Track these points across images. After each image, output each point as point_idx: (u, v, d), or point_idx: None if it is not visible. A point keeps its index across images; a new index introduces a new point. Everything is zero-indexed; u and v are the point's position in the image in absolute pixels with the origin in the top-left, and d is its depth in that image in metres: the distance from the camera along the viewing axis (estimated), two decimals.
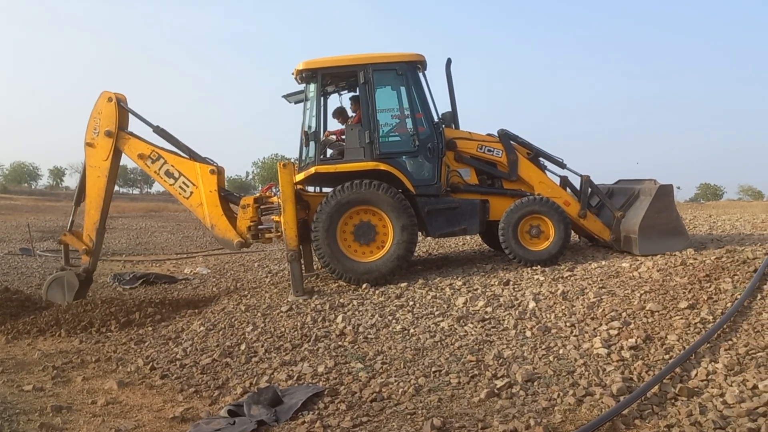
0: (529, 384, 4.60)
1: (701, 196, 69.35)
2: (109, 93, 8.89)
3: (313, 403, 4.59)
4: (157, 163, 8.88)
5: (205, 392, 5.13)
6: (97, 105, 8.86)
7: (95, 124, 8.82)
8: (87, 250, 8.96)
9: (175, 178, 8.85)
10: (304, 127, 9.04)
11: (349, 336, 6.15)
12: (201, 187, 8.77)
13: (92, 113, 8.85)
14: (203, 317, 7.60)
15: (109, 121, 8.80)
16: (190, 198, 8.84)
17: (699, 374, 4.41)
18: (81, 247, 8.97)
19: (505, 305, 6.71)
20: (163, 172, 8.89)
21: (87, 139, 8.86)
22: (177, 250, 17.35)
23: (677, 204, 9.97)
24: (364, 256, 8.43)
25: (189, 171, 8.83)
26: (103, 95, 8.86)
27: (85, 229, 8.96)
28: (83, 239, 8.98)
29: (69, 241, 9.13)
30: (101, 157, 8.84)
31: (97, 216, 8.92)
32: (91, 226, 8.95)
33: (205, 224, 8.91)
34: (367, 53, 8.87)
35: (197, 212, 8.89)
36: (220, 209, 8.74)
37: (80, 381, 5.62)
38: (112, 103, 8.83)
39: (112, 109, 8.83)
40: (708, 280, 6.57)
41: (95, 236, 9.00)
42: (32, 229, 19.26)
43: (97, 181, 8.89)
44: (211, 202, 8.73)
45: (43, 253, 15.90)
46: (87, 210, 8.94)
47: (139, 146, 8.94)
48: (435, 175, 8.76)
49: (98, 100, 8.87)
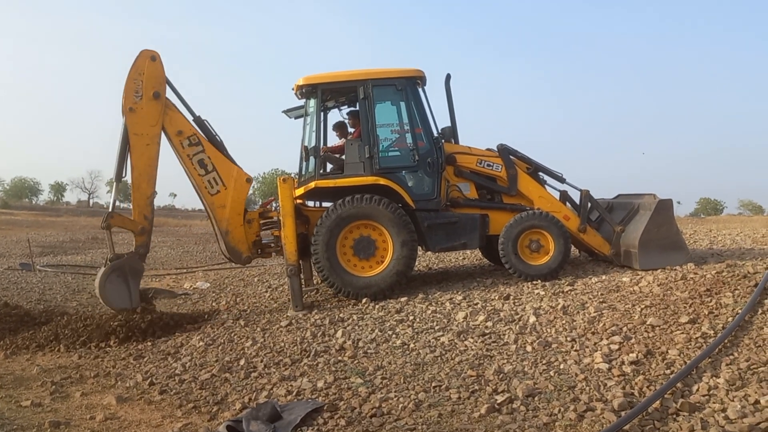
0: (529, 399, 4.57)
1: (701, 210, 69.39)
2: (151, 51, 8.09)
3: (312, 418, 4.56)
4: (194, 147, 8.31)
5: (204, 408, 5.10)
6: (137, 65, 8.04)
7: (136, 87, 8.00)
8: (144, 229, 8.16)
9: (208, 170, 8.36)
10: (304, 142, 9.08)
11: (349, 351, 6.12)
12: (231, 191, 8.42)
13: (130, 74, 8.03)
14: (202, 332, 7.57)
15: (156, 82, 8.07)
16: (216, 196, 8.41)
17: (700, 389, 4.39)
18: (137, 226, 8.12)
19: (506, 320, 6.69)
20: (197, 160, 8.33)
21: (128, 104, 8.01)
22: (177, 265, 17.33)
23: (677, 218, 9.97)
24: (363, 270, 8.42)
25: (224, 170, 8.43)
26: (143, 54, 8.07)
27: (137, 207, 8.13)
28: (136, 217, 8.14)
29: (119, 224, 8.17)
30: (149, 123, 8.05)
31: (150, 189, 8.17)
32: (144, 201, 8.16)
33: (220, 228, 8.51)
34: (367, 69, 8.92)
35: (216, 213, 8.46)
36: (242, 219, 8.56)
37: (79, 396, 5.59)
38: (156, 63, 8.06)
39: (158, 69, 8.10)
40: (709, 295, 6.56)
41: (150, 213, 8.24)
42: (32, 244, 19.23)
43: (147, 150, 8.08)
44: (236, 210, 8.49)
45: (43, 268, 15.87)
46: (137, 184, 8.08)
47: (181, 122, 8.31)
48: (435, 190, 8.77)
49: (138, 59, 8.05)
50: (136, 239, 8.22)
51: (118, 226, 8.18)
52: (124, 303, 7.88)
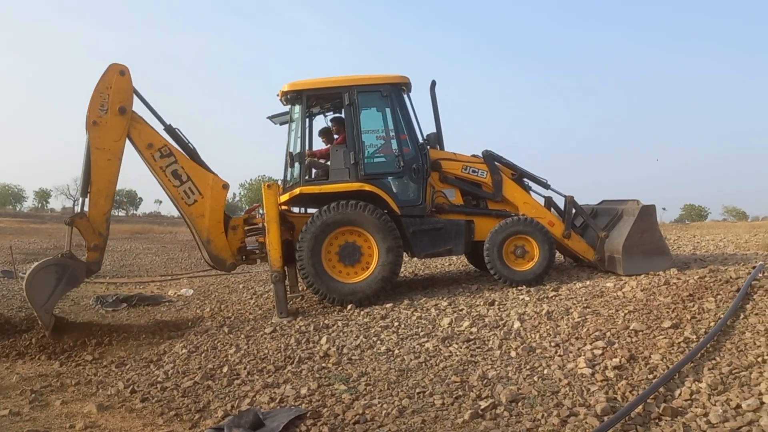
0: (513, 405, 4.56)
1: (686, 216, 70.08)
2: (120, 65, 7.97)
3: (295, 426, 4.53)
4: (166, 159, 8.19)
5: (185, 415, 5.04)
6: (105, 78, 7.91)
7: (102, 101, 7.84)
8: (97, 246, 7.94)
9: (182, 181, 8.24)
10: (289, 148, 9.05)
11: (333, 357, 6.09)
12: (208, 199, 8.33)
13: (97, 87, 7.87)
14: (186, 339, 7.50)
15: (122, 97, 7.93)
16: (193, 206, 8.31)
17: (683, 394, 4.41)
18: (93, 241, 7.90)
19: (490, 325, 6.69)
20: (171, 171, 8.19)
21: (92, 117, 7.83)
22: (162, 272, 17.18)
23: (662, 224, 10.01)
24: (348, 277, 8.39)
25: (200, 179, 8.33)
26: (112, 67, 7.94)
27: (93, 222, 7.88)
28: (87, 236, 7.89)
29: (82, 229, 7.85)
30: (112, 138, 7.88)
31: (108, 206, 7.99)
32: (101, 217, 7.93)
33: (201, 237, 8.40)
34: (352, 75, 8.92)
35: (196, 223, 8.34)
36: (222, 226, 8.47)
37: (59, 405, 5.51)
38: (125, 77, 7.95)
39: (126, 84, 7.97)
40: (691, 300, 6.60)
41: (105, 230, 7.98)
42: (15, 251, 18.97)
43: (108, 166, 7.91)
44: (215, 217, 8.39)
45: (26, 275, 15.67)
46: (94, 200, 7.90)
47: (150, 135, 8.16)
48: (420, 196, 8.77)
49: (106, 72, 7.92)
50: (88, 255, 8.01)
51: (78, 228, 7.87)
52: (39, 299, 7.46)
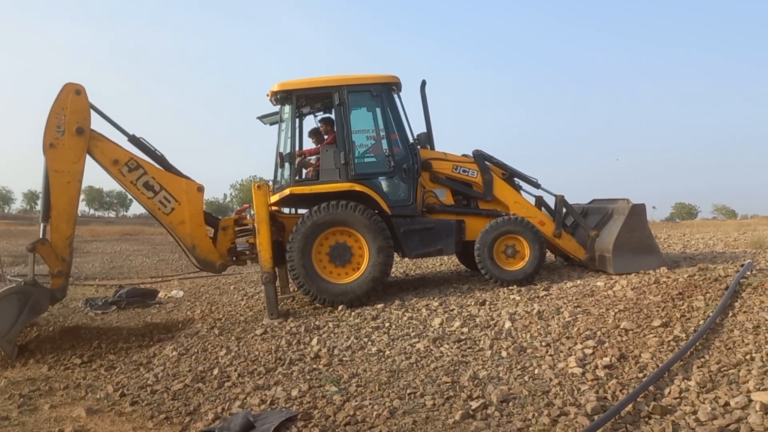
0: (504, 405, 4.56)
1: (676, 215, 70.46)
2: (76, 84, 7.78)
3: (286, 428, 4.50)
4: (134, 172, 8.05)
5: (175, 419, 5.01)
6: (59, 99, 7.69)
7: (58, 122, 7.64)
8: (61, 272, 7.69)
9: (155, 191, 8.11)
10: (279, 148, 9.02)
11: (324, 359, 6.07)
12: (185, 205, 8.21)
13: (53, 108, 7.65)
14: (176, 341, 7.46)
15: (79, 117, 7.72)
16: (171, 215, 8.18)
17: (672, 392, 4.43)
18: (56, 267, 7.65)
19: (481, 325, 6.70)
20: (141, 183, 8.06)
21: (48, 139, 7.62)
22: (152, 274, 17.10)
23: (652, 223, 10.04)
24: (339, 277, 8.38)
25: (173, 186, 8.20)
26: (67, 87, 7.74)
27: (56, 247, 7.64)
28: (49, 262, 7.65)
29: (45, 254, 7.60)
30: (70, 160, 7.69)
31: (70, 230, 7.74)
32: (63, 242, 7.69)
33: (184, 244, 8.32)
34: (342, 75, 8.91)
35: (177, 230, 8.23)
36: (205, 229, 8.39)
37: (47, 409, 5.46)
38: (81, 97, 7.76)
39: (82, 103, 7.77)
40: (681, 298, 6.63)
41: (68, 255, 7.75)
42: (3, 254, 18.83)
43: (67, 188, 7.70)
44: (196, 221, 8.29)
45: (14, 278, 15.51)
46: (55, 224, 7.66)
47: (114, 151, 7.99)
48: (410, 196, 8.77)
49: (61, 93, 7.71)
50: (52, 281, 7.75)
51: (40, 254, 7.62)
52: (1, 329, 7.03)
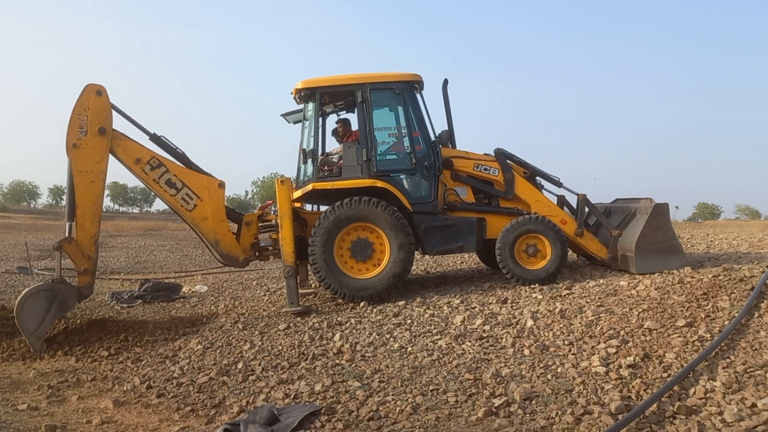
0: (527, 402, 4.57)
1: (699, 215, 69.54)
2: (97, 85, 7.89)
3: (309, 422, 4.56)
4: (157, 170, 8.17)
5: (201, 411, 5.09)
6: (81, 100, 7.81)
7: (81, 122, 7.76)
8: (87, 270, 7.82)
9: (178, 188, 8.23)
10: (302, 145, 9.09)
11: (347, 354, 6.12)
12: (207, 201, 8.33)
13: (75, 110, 7.78)
14: (201, 335, 7.56)
15: (101, 117, 7.84)
16: (194, 211, 8.29)
17: (697, 392, 4.39)
18: (83, 265, 7.78)
19: (503, 323, 6.70)
20: (164, 181, 8.18)
21: (72, 140, 7.74)
22: (176, 269, 17.34)
23: (675, 223, 9.95)
24: (360, 272, 8.43)
25: (194, 183, 8.31)
26: (89, 88, 7.84)
27: (82, 246, 7.77)
28: (76, 260, 7.79)
29: (71, 253, 7.73)
30: (93, 159, 7.81)
31: (95, 228, 7.85)
32: (89, 240, 7.80)
33: (208, 239, 8.43)
34: (365, 73, 8.95)
35: (200, 226, 8.35)
36: (227, 224, 8.50)
37: (75, 400, 5.58)
38: (102, 97, 7.87)
39: (104, 104, 7.88)
40: (705, 298, 6.57)
41: (94, 253, 7.89)
42: (30, 248, 19.23)
43: (91, 188, 7.83)
44: (218, 217, 8.41)
45: (41, 271, 15.86)
46: (80, 223, 7.77)
47: (136, 149, 8.13)
48: (431, 193, 8.79)
49: (83, 94, 7.82)
50: (79, 279, 7.90)
51: (67, 253, 7.75)
52: (30, 326, 7.28)
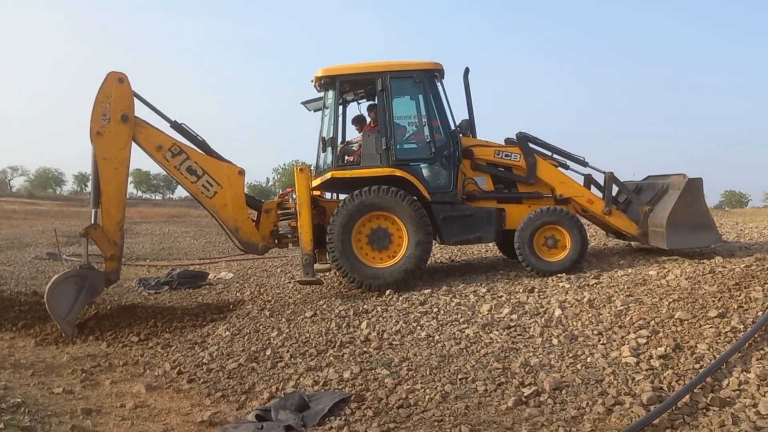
0: (557, 392, 4.56)
1: (726, 203, 68.31)
2: (119, 73, 7.98)
3: (339, 409, 4.61)
4: (178, 157, 8.24)
5: (232, 396, 5.17)
6: (103, 88, 7.89)
7: (104, 110, 7.84)
8: (114, 255, 7.97)
9: (198, 176, 8.28)
10: (322, 133, 9.08)
11: (374, 342, 6.15)
12: (227, 188, 8.39)
13: (98, 98, 7.85)
14: (228, 322, 7.65)
15: (123, 105, 7.93)
16: (214, 198, 8.36)
17: (731, 384, 4.35)
18: (109, 251, 7.92)
19: (531, 313, 6.67)
20: (185, 168, 8.25)
21: (95, 128, 7.83)
22: (200, 255, 17.51)
23: None
24: (373, 261, 8.45)
25: (214, 170, 8.37)
26: (111, 76, 7.93)
27: (107, 232, 7.91)
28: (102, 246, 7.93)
29: (97, 239, 7.87)
30: (117, 147, 7.91)
31: (120, 214, 7.99)
32: (114, 226, 7.93)
33: (228, 226, 8.50)
34: (386, 61, 8.92)
35: (220, 213, 8.42)
36: (247, 212, 8.56)
37: (108, 384, 5.70)
38: (124, 85, 7.96)
39: (126, 91, 7.98)
40: (738, 289, 6.46)
41: (120, 239, 8.02)
42: (58, 234, 19.53)
43: (116, 174, 7.94)
44: (238, 204, 8.47)
45: (70, 257, 16.13)
46: (105, 209, 7.90)
47: (158, 136, 8.21)
48: (451, 183, 8.75)
49: (105, 81, 7.90)
50: (106, 264, 8.03)
51: (93, 239, 7.94)
52: (61, 311, 7.43)
